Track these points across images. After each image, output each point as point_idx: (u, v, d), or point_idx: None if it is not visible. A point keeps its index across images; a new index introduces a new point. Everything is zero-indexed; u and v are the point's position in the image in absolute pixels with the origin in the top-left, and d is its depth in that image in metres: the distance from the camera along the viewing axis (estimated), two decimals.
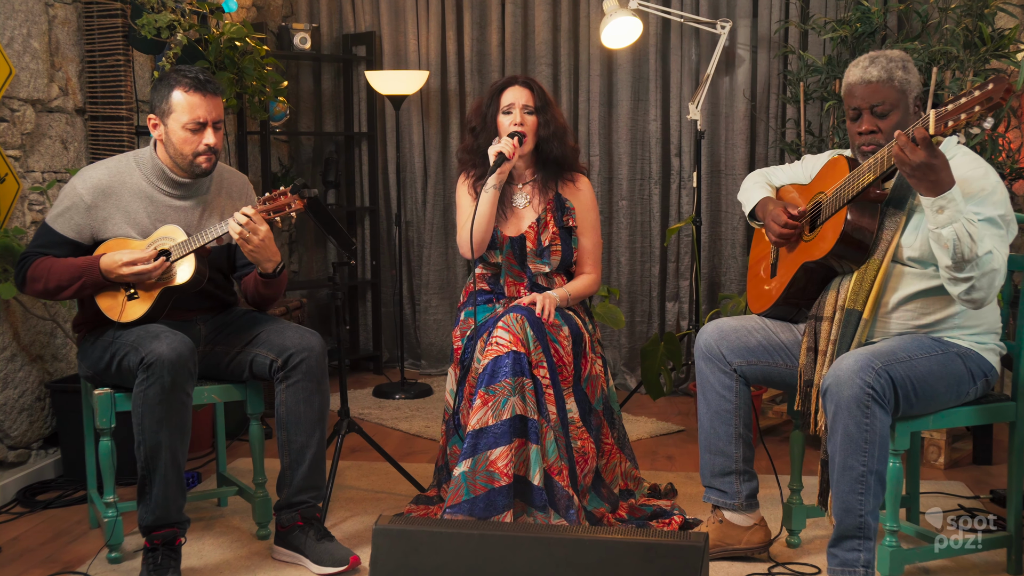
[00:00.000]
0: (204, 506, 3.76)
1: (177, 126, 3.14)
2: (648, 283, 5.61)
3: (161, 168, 3.22)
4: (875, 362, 2.70)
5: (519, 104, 3.56)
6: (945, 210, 2.64)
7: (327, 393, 3.25)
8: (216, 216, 3.31)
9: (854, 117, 2.93)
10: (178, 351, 2.97)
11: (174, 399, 2.96)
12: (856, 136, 2.92)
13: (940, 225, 2.65)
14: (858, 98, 2.90)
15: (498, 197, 3.53)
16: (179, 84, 3.13)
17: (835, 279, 2.97)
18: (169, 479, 2.99)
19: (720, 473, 3.17)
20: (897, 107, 2.88)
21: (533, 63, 5.68)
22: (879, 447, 2.71)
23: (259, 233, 3.10)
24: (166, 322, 3.20)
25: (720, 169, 5.44)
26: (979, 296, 2.71)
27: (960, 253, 2.64)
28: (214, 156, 3.19)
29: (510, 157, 3.47)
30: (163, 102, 3.15)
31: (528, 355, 3.30)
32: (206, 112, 3.13)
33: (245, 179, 3.48)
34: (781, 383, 3.16)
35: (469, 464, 3.21)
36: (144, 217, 3.21)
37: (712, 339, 3.15)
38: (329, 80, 6.13)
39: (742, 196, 3.35)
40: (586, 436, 3.44)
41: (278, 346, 3.21)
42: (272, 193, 3.15)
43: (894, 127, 2.84)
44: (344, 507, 3.73)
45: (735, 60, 5.35)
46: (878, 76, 2.87)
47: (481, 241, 3.53)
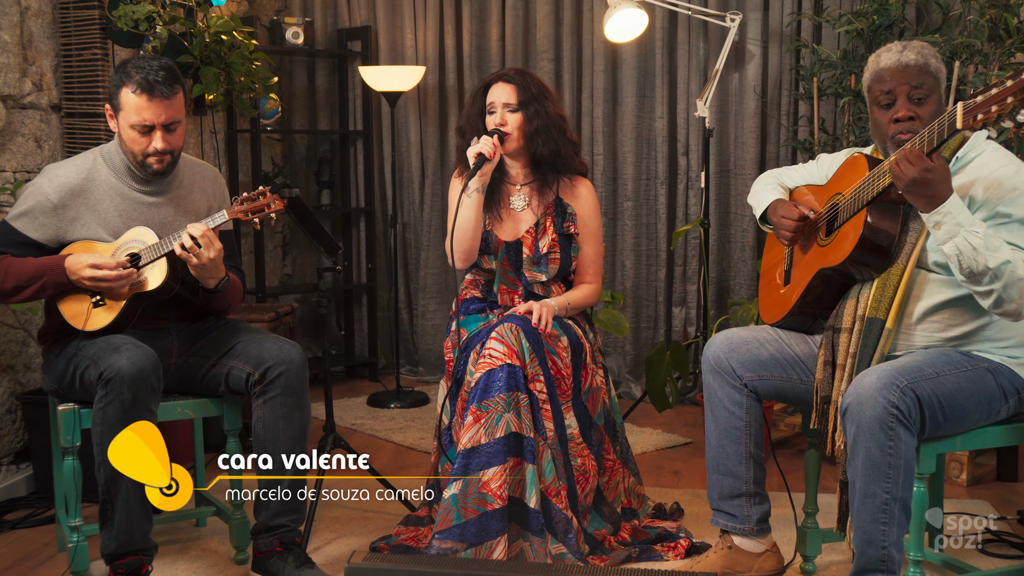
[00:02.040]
0: (181, 527, 3.54)
1: (126, 124, 2.94)
2: (654, 287, 5.38)
3: (127, 163, 3.01)
4: (900, 379, 2.48)
5: (500, 103, 3.34)
6: (942, 226, 2.47)
7: (308, 408, 3.04)
8: (192, 212, 3.10)
9: (887, 103, 2.70)
10: (139, 365, 2.75)
11: (135, 417, 2.75)
12: (890, 124, 2.69)
13: (940, 241, 2.48)
14: (893, 81, 2.67)
15: (482, 201, 3.31)
16: (128, 82, 2.91)
17: (854, 287, 2.75)
18: (132, 504, 2.78)
19: (729, 495, 2.95)
20: (933, 94, 2.68)
21: (534, 58, 5.45)
22: (904, 472, 2.48)
23: (211, 251, 2.89)
24: (135, 332, 2.98)
25: (729, 169, 5.21)
26: (1011, 308, 2.50)
27: (968, 268, 2.46)
28: (167, 157, 2.98)
29: (490, 157, 3.25)
30: (115, 97, 2.95)
31: (523, 368, 3.08)
32: (153, 116, 2.92)
33: (216, 172, 3.27)
34: (795, 399, 2.93)
35: (460, 486, 2.99)
36: (115, 216, 3.00)
37: (721, 351, 2.93)
38: (323, 76, 5.91)
39: (752, 199, 3.13)
40: (587, 453, 3.22)
41: (255, 358, 3.00)
42: (250, 193, 2.94)
43: (931, 116, 2.62)
44: (329, 528, 3.51)
45: (745, 55, 5.12)
46: (915, 60, 2.67)
47: (468, 249, 3.31)
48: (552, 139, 3.37)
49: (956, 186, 2.61)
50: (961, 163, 2.66)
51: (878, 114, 2.72)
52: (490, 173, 3.31)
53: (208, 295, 3.04)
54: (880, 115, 2.71)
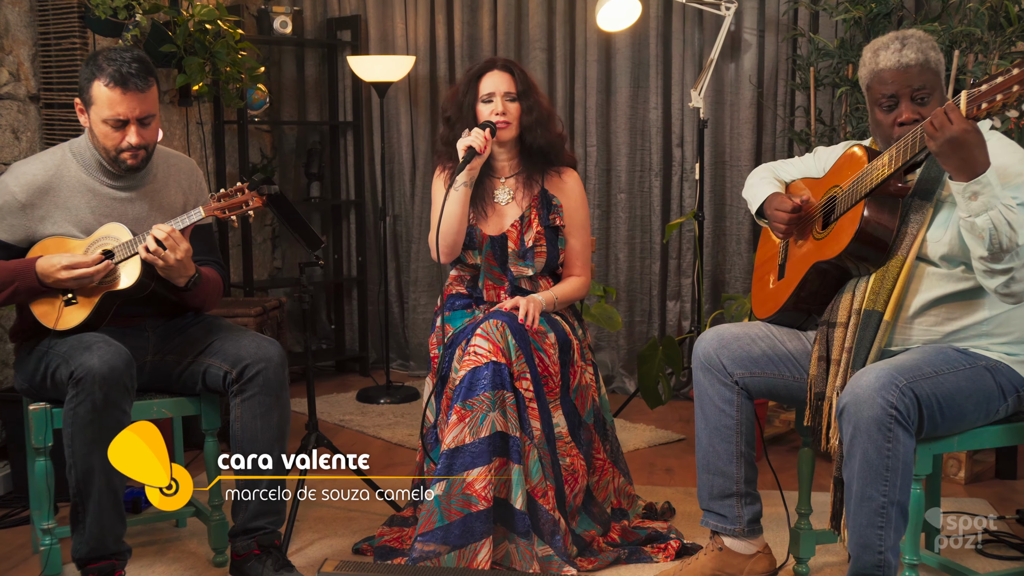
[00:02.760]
0: (161, 527, 3.45)
1: (98, 119, 2.84)
2: (648, 281, 5.29)
3: (98, 159, 2.92)
4: (899, 379, 2.39)
5: (500, 92, 3.24)
6: (979, 196, 2.33)
7: (287, 408, 2.95)
8: (167, 207, 3.01)
9: (889, 106, 2.60)
10: (111, 364, 2.66)
11: (107, 418, 2.66)
12: (895, 128, 2.58)
13: (974, 213, 2.35)
14: (894, 84, 2.56)
15: (469, 196, 3.22)
16: (100, 75, 2.81)
17: (850, 281, 2.66)
18: (104, 506, 2.69)
19: (720, 496, 2.87)
20: (935, 91, 2.58)
21: (527, 48, 5.36)
22: (902, 475, 2.39)
23: (178, 251, 2.80)
24: (110, 329, 2.90)
25: (725, 160, 5.11)
26: (1020, 288, 2.41)
27: (998, 243, 2.35)
28: (142, 152, 2.88)
29: (481, 151, 3.16)
30: (85, 91, 2.85)
31: (509, 366, 2.99)
32: (127, 110, 2.82)
33: (192, 164, 3.17)
34: (788, 397, 2.85)
35: (443, 487, 2.90)
36: (87, 213, 2.91)
37: (711, 348, 2.84)
38: (313, 66, 5.81)
39: (747, 193, 3.04)
40: (575, 452, 3.14)
41: (232, 356, 2.91)
42: (228, 189, 2.85)
43: None
44: (312, 528, 3.43)
45: (741, 44, 5.03)
46: (915, 59, 2.56)
47: (452, 244, 3.22)
48: (547, 131, 3.30)
49: None
50: None
51: (880, 115, 2.62)
52: (479, 167, 3.22)
53: (180, 292, 2.95)
54: (883, 117, 2.61)
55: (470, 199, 3.28)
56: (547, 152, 3.30)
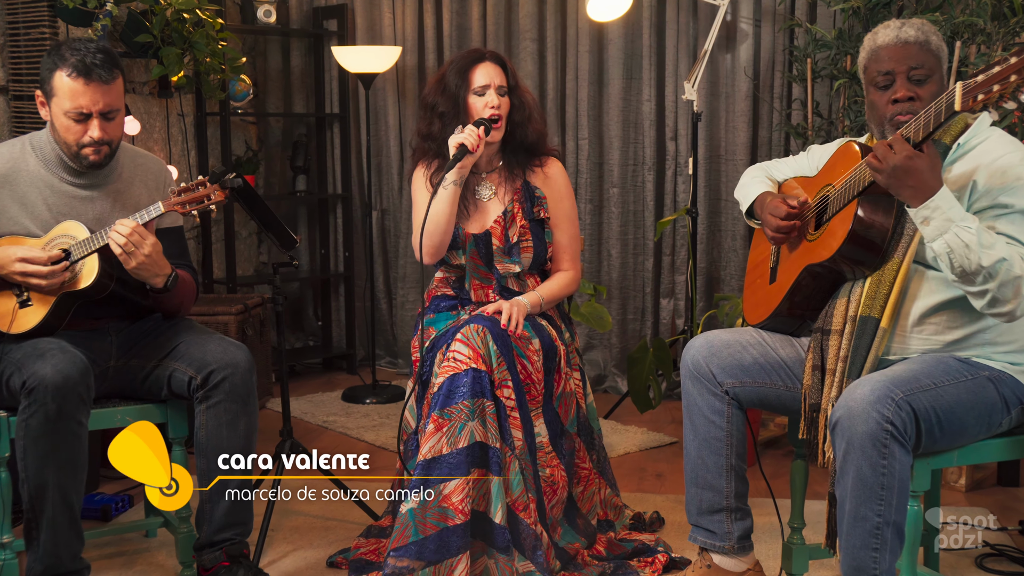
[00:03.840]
0: (130, 538, 3.32)
1: (59, 111, 2.71)
2: (641, 278, 5.15)
3: (58, 154, 2.78)
4: (895, 391, 2.25)
5: (495, 84, 3.10)
6: (931, 221, 2.25)
7: (254, 415, 2.82)
8: (131, 208, 2.87)
9: (884, 84, 2.47)
10: (65, 373, 2.53)
11: (62, 430, 2.53)
12: (888, 106, 2.46)
13: (929, 239, 2.26)
14: (892, 61, 2.45)
15: (458, 194, 3.07)
16: (62, 65, 2.67)
17: (845, 285, 2.53)
18: (59, 523, 2.56)
19: (708, 511, 2.73)
20: (934, 74, 2.45)
21: (517, 38, 5.21)
22: (898, 494, 2.26)
23: (144, 247, 2.66)
24: (71, 333, 2.77)
25: (720, 154, 4.97)
26: (1006, 309, 2.28)
27: (959, 266, 2.24)
28: (104, 148, 2.75)
29: (473, 150, 3.01)
30: (47, 82, 2.71)
31: (490, 373, 2.86)
32: (90, 102, 2.68)
33: (161, 165, 3.03)
34: (780, 407, 2.71)
35: (418, 499, 2.77)
36: (44, 210, 2.77)
37: (700, 355, 2.71)
38: (299, 57, 5.67)
39: (739, 193, 2.91)
40: (556, 463, 3.00)
41: (198, 361, 2.78)
42: (188, 183, 2.71)
43: (933, 97, 2.39)
44: (287, 539, 3.30)
45: (737, 34, 4.88)
46: (915, 37, 2.45)
47: (439, 245, 3.09)
48: (535, 127, 3.18)
49: (957, 174, 2.40)
50: (963, 150, 2.44)
51: (875, 95, 2.49)
52: (470, 166, 3.07)
53: (158, 295, 2.81)
54: (877, 96, 2.48)
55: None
56: (532, 147, 3.17)
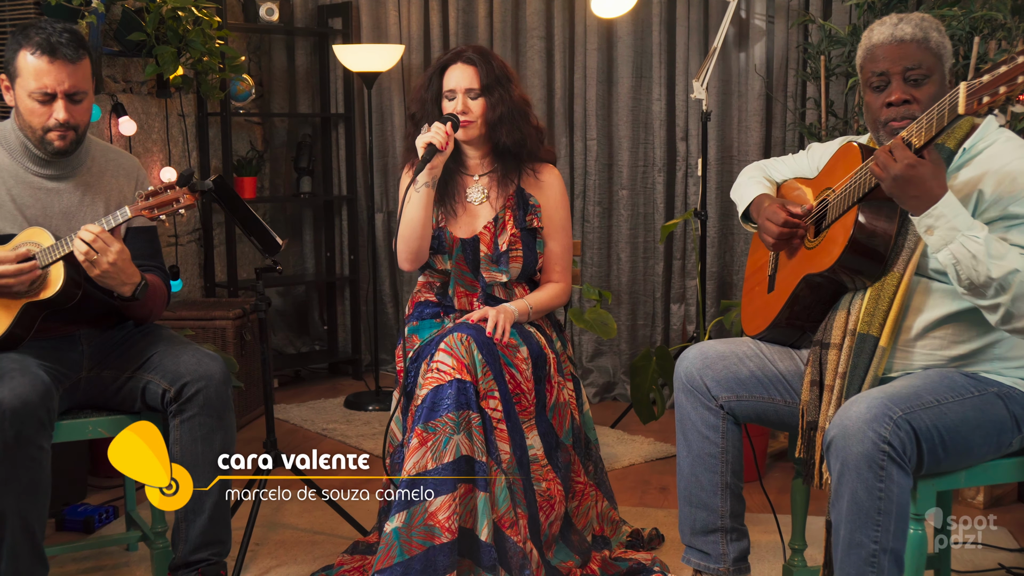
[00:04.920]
0: (111, 551, 3.22)
1: (23, 93, 2.60)
2: (651, 283, 5.00)
3: (23, 142, 2.68)
4: (893, 409, 2.11)
5: (462, 88, 2.98)
6: (935, 230, 2.11)
7: (231, 429, 2.71)
8: (101, 202, 2.76)
9: (879, 86, 2.34)
10: (23, 397, 2.41)
11: (20, 456, 2.41)
12: (882, 109, 2.33)
13: (934, 249, 2.12)
14: (886, 60, 2.31)
15: (432, 197, 2.96)
16: (26, 44, 2.57)
17: (845, 296, 2.39)
18: (20, 551, 2.44)
19: (703, 531, 2.60)
20: (933, 74, 2.30)
21: (524, 36, 5.08)
22: (896, 519, 2.12)
23: (109, 254, 2.54)
24: (40, 342, 2.66)
25: (732, 155, 4.82)
26: (1022, 324, 2.13)
27: (967, 279, 2.11)
28: (71, 133, 2.64)
29: (442, 148, 2.89)
30: (11, 63, 2.61)
31: (475, 384, 2.73)
32: (54, 81, 2.57)
33: (136, 164, 2.92)
34: (779, 423, 2.57)
35: (403, 518, 2.65)
36: (9, 202, 2.66)
37: (694, 367, 2.57)
38: (304, 56, 5.56)
39: (735, 194, 2.77)
40: (552, 476, 2.87)
41: (171, 372, 2.67)
42: (157, 187, 2.60)
43: (931, 99, 2.25)
44: (272, 553, 3.19)
45: (750, 31, 4.73)
46: (912, 34, 2.29)
47: (417, 250, 2.97)
48: (517, 128, 3.02)
49: (963, 181, 2.25)
50: (969, 155, 2.29)
51: (870, 97, 2.35)
52: (441, 166, 2.96)
53: (125, 303, 2.70)
54: (872, 98, 2.34)
55: (439, 198, 3.04)
56: (517, 151, 3.03)
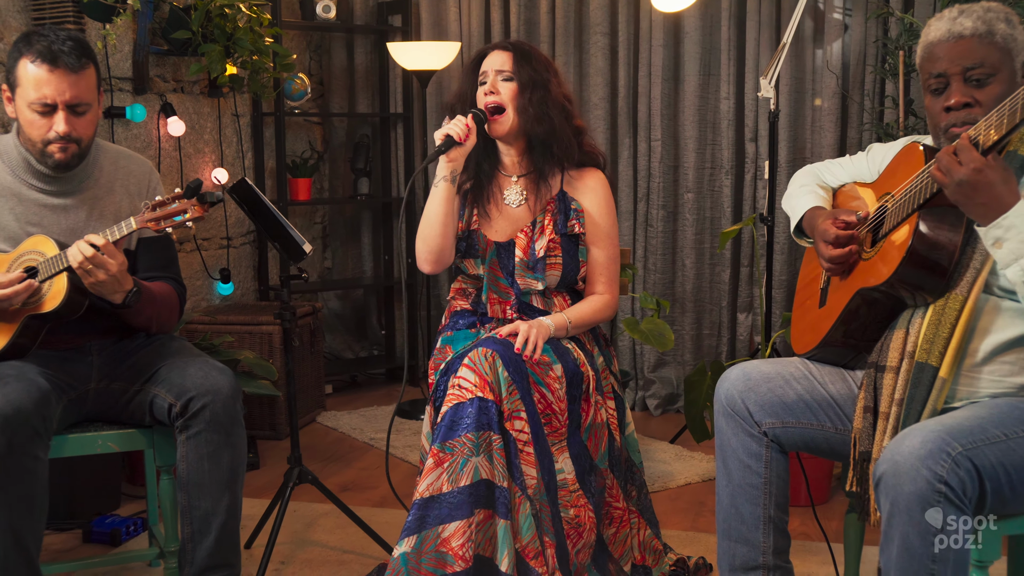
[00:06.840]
0: (134, 567, 3.09)
1: (24, 104, 2.48)
2: (717, 291, 4.75)
3: (25, 157, 2.56)
4: (952, 444, 1.86)
5: (493, 69, 2.79)
6: (1004, 243, 1.86)
7: (241, 447, 2.55)
8: (110, 217, 2.63)
9: (938, 88, 2.09)
10: (18, 405, 2.28)
11: (15, 466, 2.29)
12: (942, 115, 2.08)
13: (1003, 264, 1.87)
14: (944, 60, 2.06)
15: (452, 192, 2.78)
16: (27, 52, 2.45)
17: (904, 313, 2.14)
18: (13, 568, 2.31)
19: (743, 567, 2.36)
20: (999, 72, 2.04)
21: (587, 32, 4.87)
22: (954, 568, 1.86)
23: (109, 267, 2.40)
24: (49, 353, 2.55)
25: (805, 156, 4.54)
26: None
27: None
28: (72, 146, 2.51)
29: (461, 140, 2.71)
30: (12, 71, 2.49)
31: (499, 403, 2.53)
32: (55, 91, 2.44)
33: (149, 168, 2.78)
34: (829, 451, 2.33)
35: (413, 542, 2.46)
36: (11, 220, 2.55)
37: (735, 390, 2.34)
38: (363, 54, 5.42)
39: (786, 204, 2.54)
40: (583, 502, 2.66)
41: (178, 387, 2.52)
42: (164, 198, 2.46)
43: (997, 101, 1.98)
44: (300, 571, 3.04)
45: (826, 25, 4.45)
46: (973, 29, 2.04)
47: (437, 250, 2.80)
48: (549, 119, 2.81)
49: None
50: None
51: (929, 101, 2.10)
52: (462, 160, 2.77)
53: (117, 311, 2.57)
54: (931, 102, 2.09)
55: (474, 198, 2.86)
56: (547, 143, 2.82)
